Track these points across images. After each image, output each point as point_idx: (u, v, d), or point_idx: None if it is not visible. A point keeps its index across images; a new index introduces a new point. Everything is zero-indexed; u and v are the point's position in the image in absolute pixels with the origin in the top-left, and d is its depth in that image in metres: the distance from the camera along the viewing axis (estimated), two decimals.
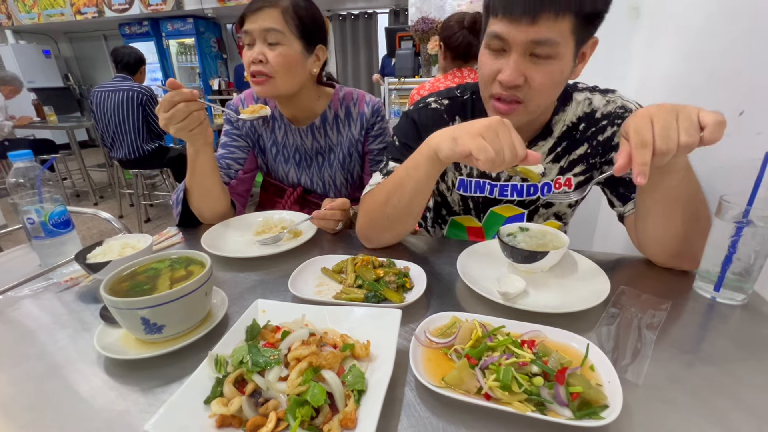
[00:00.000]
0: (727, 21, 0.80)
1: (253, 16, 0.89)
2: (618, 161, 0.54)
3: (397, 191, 0.73)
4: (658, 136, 0.51)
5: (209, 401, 0.43)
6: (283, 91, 0.95)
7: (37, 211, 0.76)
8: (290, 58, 0.92)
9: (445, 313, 0.56)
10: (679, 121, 0.50)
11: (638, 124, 0.52)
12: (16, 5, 6.01)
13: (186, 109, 0.76)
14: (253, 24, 0.90)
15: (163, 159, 3.15)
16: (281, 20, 0.89)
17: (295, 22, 0.91)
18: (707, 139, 0.50)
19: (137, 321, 0.50)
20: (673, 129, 0.50)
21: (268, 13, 0.89)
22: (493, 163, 0.56)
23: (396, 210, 0.74)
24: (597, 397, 0.41)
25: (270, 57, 0.90)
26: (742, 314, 0.60)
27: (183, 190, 0.94)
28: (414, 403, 0.45)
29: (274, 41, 0.90)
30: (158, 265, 0.60)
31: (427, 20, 3.51)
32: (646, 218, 0.70)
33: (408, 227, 0.81)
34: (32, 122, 4.20)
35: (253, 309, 0.57)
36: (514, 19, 0.61)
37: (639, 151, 0.51)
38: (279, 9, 0.89)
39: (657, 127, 0.51)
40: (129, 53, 2.98)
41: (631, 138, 0.53)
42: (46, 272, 0.77)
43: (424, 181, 0.70)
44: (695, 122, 0.50)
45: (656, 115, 0.52)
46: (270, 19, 0.89)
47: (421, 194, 0.73)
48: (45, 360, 0.54)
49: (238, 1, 5.11)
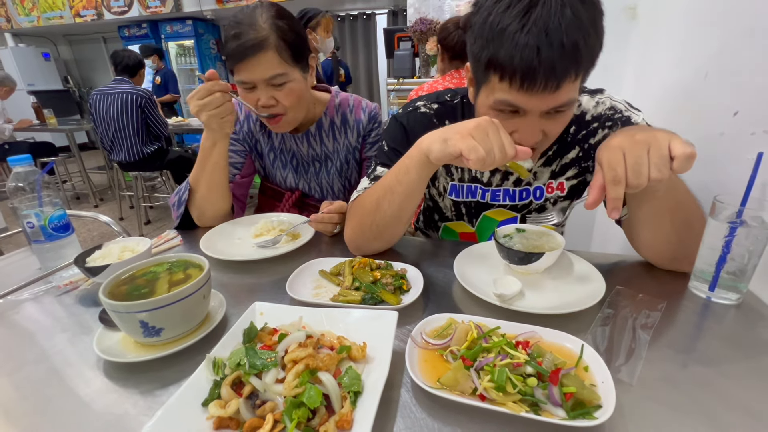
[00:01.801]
0: (722, 22, 0.81)
1: (247, 65, 0.84)
2: (590, 195, 0.55)
3: (387, 197, 0.72)
4: (630, 171, 0.51)
5: (207, 403, 0.43)
6: (298, 120, 0.96)
7: (37, 215, 0.77)
8: (298, 90, 0.90)
9: (441, 315, 0.56)
10: (650, 155, 0.51)
11: (611, 158, 0.53)
12: (15, 8, 6.02)
13: (222, 98, 0.82)
14: (252, 74, 0.85)
15: (163, 161, 3.16)
16: (279, 61, 0.85)
17: (289, 53, 0.86)
18: (676, 170, 0.51)
19: (136, 324, 0.51)
20: (644, 164, 0.51)
21: (264, 59, 0.83)
22: (483, 163, 0.57)
23: (386, 216, 0.74)
24: (590, 398, 0.41)
25: (280, 98, 0.89)
26: (737, 314, 0.60)
27: (187, 190, 0.94)
28: (410, 404, 0.45)
29: (280, 83, 0.87)
30: (157, 269, 0.60)
31: (425, 21, 3.52)
32: (637, 227, 0.70)
33: (398, 234, 0.80)
34: (32, 125, 4.21)
35: (250, 312, 0.57)
36: (534, 91, 0.58)
37: (612, 187, 0.52)
38: (272, 49, 0.83)
39: (629, 162, 0.51)
40: (128, 56, 2.99)
41: (605, 173, 0.53)
42: (45, 276, 0.78)
43: (415, 185, 0.70)
44: (666, 156, 0.51)
45: (629, 149, 0.52)
46: (268, 66, 0.84)
47: (411, 199, 0.72)
48: (45, 363, 0.55)
49: (237, 3, 5.12)
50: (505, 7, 0.56)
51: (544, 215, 0.77)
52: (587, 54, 0.56)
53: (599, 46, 0.58)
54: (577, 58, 0.55)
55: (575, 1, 0.54)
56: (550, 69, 0.55)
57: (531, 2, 0.55)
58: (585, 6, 0.55)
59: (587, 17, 0.55)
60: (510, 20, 0.55)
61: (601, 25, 0.58)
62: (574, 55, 0.55)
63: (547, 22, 0.53)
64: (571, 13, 0.54)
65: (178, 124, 3.90)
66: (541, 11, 0.54)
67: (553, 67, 0.55)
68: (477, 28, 0.61)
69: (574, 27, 0.54)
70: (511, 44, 0.55)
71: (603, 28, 0.58)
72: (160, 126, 3.05)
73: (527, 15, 0.54)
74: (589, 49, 0.56)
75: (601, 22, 0.58)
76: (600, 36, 0.58)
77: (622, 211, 0.76)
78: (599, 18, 0.57)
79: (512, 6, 0.56)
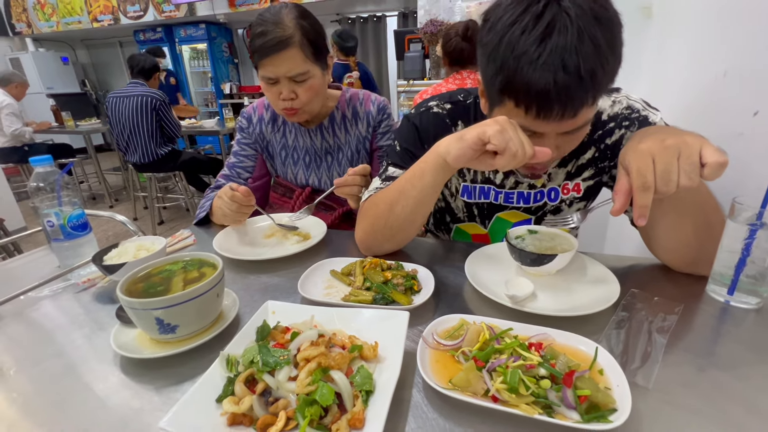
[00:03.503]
0: (741, 20, 0.79)
1: (272, 60, 0.88)
2: (616, 201, 0.54)
3: (401, 201, 0.72)
4: (659, 178, 0.50)
5: (221, 400, 0.44)
6: (313, 113, 1.01)
7: (57, 215, 0.79)
8: (317, 86, 0.95)
9: (452, 316, 0.56)
10: (680, 162, 0.49)
11: (640, 164, 0.51)
12: (36, 14, 6.20)
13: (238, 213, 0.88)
14: (277, 70, 0.89)
15: (176, 162, 3.21)
16: (302, 58, 0.89)
17: (311, 50, 0.91)
18: (706, 178, 0.50)
19: (152, 321, 0.52)
20: (674, 171, 0.49)
21: (288, 56, 0.88)
22: (507, 148, 0.55)
23: (399, 219, 0.74)
24: (605, 401, 0.41)
25: (300, 93, 0.93)
26: (757, 318, 0.59)
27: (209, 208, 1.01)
28: (421, 404, 0.45)
29: (302, 79, 0.91)
30: (172, 267, 0.61)
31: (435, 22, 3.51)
32: (655, 229, 0.68)
33: (410, 236, 0.81)
34: (51, 127, 4.32)
35: (263, 310, 0.58)
36: (551, 120, 0.56)
37: (641, 194, 0.51)
38: (296, 46, 0.88)
39: (659, 169, 0.50)
40: (145, 59, 3.06)
41: (633, 179, 0.52)
42: (64, 273, 0.80)
43: (430, 190, 0.69)
44: (696, 163, 0.49)
45: (658, 154, 0.50)
46: (292, 63, 0.89)
47: (425, 203, 0.72)
48: (63, 358, 0.56)
49: (250, 6, 5.18)
50: (521, 31, 0.53)
51: (561, 217, 0.76)
52: (605, 79, 0.54)
53: (618, 63, 0.56)
54: (595, 85, 0.53)
55: (592, 26, 0.51)
56: (567, 100, 0.54)
57: (547, 28, 0.52)
58: (603, 28, 0.52)
59: (605, 41, 0.52)
60: (526, 47, 0.53)
61: (620, 41, 0.55)
62: (592, 84, 0.53)
63: (563, 52, 0.51)
64: (589, 40, 0.51)
65: (191, 125, 3.96)
66: (558, 39, 0.51)
67: (571, 98, 0.54)
68: (490, 50, 0.58)
69: (592, 55, 0.51)
70: (527, 74, 0.53)
71: (622, 42, 0.55)
72: (173, 128, 3.11)
73: (543, 43, 0.52)
74: (607, 74, 0.54)
75: (620, 38, 0.55)
76: (619, 55, 0.55)
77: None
78: (618, 35, 0.54)
79: (527, 31, 0.53)
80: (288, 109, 0.95)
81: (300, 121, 1.03)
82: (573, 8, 0.52)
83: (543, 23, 0.52)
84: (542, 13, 0.52)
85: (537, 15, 0.53)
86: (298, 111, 0.96)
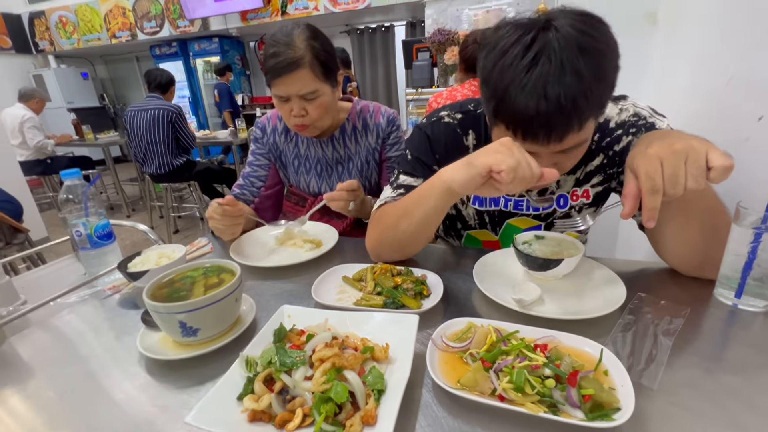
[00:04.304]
0: (745, 26, 0.80)
1: (284, 80, 0.92)
2: (626, 205, 0.55)
3: (406, 218, 0.75)
4: (667, 181, 0.51)
5: (241, 397, 0.46)
6: (324, 128, 1.05)
7: (84, 225, 0.83)
8: (327, 103, 0.99)
9: (460, 319, 0.58)
10: (687, 165, 0.51)
11: (649, 168, 0.52)
12: (58, 32, 6.46)
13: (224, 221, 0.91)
14: (288, 88, 0.93)
15: (191, 172, 3.30)
16: (312, 78, 0.93)
17: (322, 70, 0.94)
18: (712, 181, 0.52)
19: (176, 324, 0.55)
20: (681, 174, 0.51)
21: (298, 76, 0.91)
22: (515, 174, 0.56)
23: (405, 235, 0.77)
24: (609, 400, 0.42)
25: (310, 110, 0.97)
26: (765, 321, 0.59)
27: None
28: (431, 403, 0.47)
29: (312, 98, 0.95)
30: (193, 273, 0.65)
31: (443, 31, 3.56)
32: (663, 233, 0.69)
33: (417, 249, 0.84)
34: (72, 140, 4.48)
35: (279, 314, 0.60)
36: (538, 143, 0.59)
37: (649, 196, 0.52)
38: (306, 67, 0.91)
39: (667, 173, 0.51)
40: (161, 74, 3.17)
41: (642, 182, 0.53)
42: (91, 281, 0.84)
43: (433, 213, 0.71)
44: (703, 167, 0.51)
45: (666, 158, 0.52)
46: (302, 83, 0.92)
47: (429, 225, 0.75)
48: (93, 359, 0.60)
49: (261, 20, 5.32)
50: (510, 61, 0.57)
51: (571, 221, 0.78)
52: (589, 106, 0.56)
53: (608, 89, 0.58)
54: (578, 113, 0.56)
55: (576, 57, 0.54)
56: (549, 128, 0.57)
57: (534, 58, 0.55)
58: (587, 59, 0.54)
59: (589, 71, 0.54)
60: (512, 77, 0.56)
61: (610, 68, 0.57)
62: (574, 112, 0.55)
63: (546, 83, 0.54)
64: (572, 71, 0.53)
65: (205, 137, 4.07)
66: (541, 70, 0.54)
67: (553, 125, 0.57)
68: (485, 74, 0.61)
69: (574, 85, 0.54)
70: (514, 100, 0.57)
71: (614, 67, 0.58)
72: (188, 139, 3.21)
73: (529, 72, 0.55)
74: (591, 101, 0.56)
75: (610, 63, 0.57)
76: (608, 80, 0.57)
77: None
78: (607, 64, 0.57)
79: (515, 63, 0.56)
80: (299, 125, 1.00)
81: (312, 135, 1.07)
82: (560, 40, 0.54)
83: (531, 53, 0.55)
84: (531, 43, 0.56)
85: (527, 46, 0.56)
86: (309, 126, 1.00)
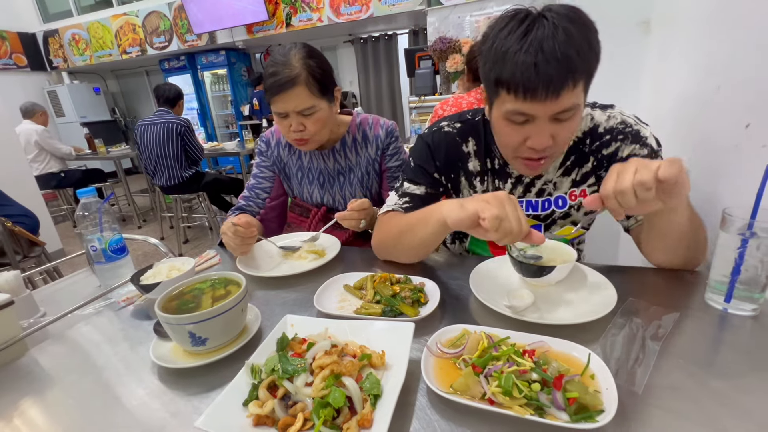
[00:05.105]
0: (733, 35, 0.82)
1: (282, 98, 0.97)
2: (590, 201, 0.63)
3: (408, 235, 0.82)
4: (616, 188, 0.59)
5: (247, 403, 0.49)
6: (322, 141, 1.09)
7: (99, 240, 0.88)
8: (324, 118, 1.03)
9: (455, 326, 0.60)
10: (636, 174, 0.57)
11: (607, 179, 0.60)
12: (71, 49, 6.66)
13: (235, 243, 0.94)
14: (286, 106, 0.98)
15: (200, 184, 3.37)
16: (308, 95, 0.97)
17: (318, 87, 0.98)
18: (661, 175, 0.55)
19: (185, 334, 0.58)
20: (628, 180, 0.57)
21: (295, 94, 0.96)
22: (498, 225, 0.60)
23: (405, 247, 0.84)
24: (594, 403, 0.44)
25: (308, 125, 1.01)
26: (754, 325, 0.61)
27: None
28: (425, 407, 0.50)
29: (309, 113, 1.00)
30: (201, 286, 0.68)
31: (444, 39, 3.61)
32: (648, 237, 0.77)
33: (418, 259, 0.89)
34: (85, 153, 4.61)
35: (282, 323, 0.64)
36: (537, 100, 0.65)
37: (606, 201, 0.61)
38: (303, 84, 0.96)
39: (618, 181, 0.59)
40: (169, 89, 3.26)
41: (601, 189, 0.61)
42: (105, 293, 0.88)
43: (430, 237, 0.78)
44: (649, 177, 0.56)
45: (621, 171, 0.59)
46: (299, 100, 0.97)
47: (427, 245, 0.82)
48: (109, 368, 0.64)
49: (266, 33, 5.43)
50: (507, 33, 0.65)
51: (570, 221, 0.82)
52: (581, 64, 0.63)
53: (595, 57, 0.65)
54: (572, 68, 0.62)
55: (567, 23, 0.62)
56: (548, 80, 0.62)
57: (528, 27, 0.63)
58: (576, 26, 0.62)
59: (579, 35, 0.62)
60: (511, 43, 0.64)
61: (596, 41, 0.65)
62: (569, 66, 0.62)
63: (542, 41, 0.61)
64: (563, 32, 0.61)
65: (213, 148, 4.16)
66: (537, 33, 0.62)
67: (551, 79, 0.62)
68: (485, 53, 0.70)
69: (567, 43, 0.61)
70: (513, 63, 0.64)
71: (598, 43, 0.65)
72: (197, 152, 3.28)
73: (525, 37, 0.63)
74: (582, 60, 0.63)
75: (595, 38, 0.65)
76: (594, 49, 0.64)
77: (630, 221, 0.81)
78: (592, 35, 0.64)
79: (512, 32, 0.64)
80: (298, 140, 1.04)
81: (311, 149, 1.11)
82: (552, 18, 0.63)
83: (525, 25, 0.64)
84: (524, 19, 0.64)
85: (520, 20, 0.65)
86: (308, 141, 1.04)
